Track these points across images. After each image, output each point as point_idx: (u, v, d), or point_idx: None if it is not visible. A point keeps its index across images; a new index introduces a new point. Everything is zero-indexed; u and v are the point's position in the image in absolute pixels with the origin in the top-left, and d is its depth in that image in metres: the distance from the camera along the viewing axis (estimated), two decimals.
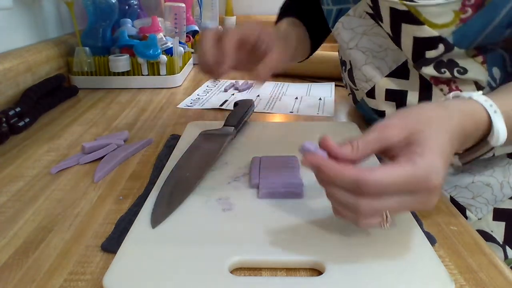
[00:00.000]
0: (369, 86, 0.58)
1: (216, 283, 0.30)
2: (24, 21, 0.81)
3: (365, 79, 0.58)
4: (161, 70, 0.89)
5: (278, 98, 0.81)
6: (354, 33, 0.56)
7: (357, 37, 0.56)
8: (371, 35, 0.55)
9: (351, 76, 0.61)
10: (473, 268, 0.34)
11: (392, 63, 0.54)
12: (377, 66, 0.56)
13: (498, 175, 0.54)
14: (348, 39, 0.57)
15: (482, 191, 0.55)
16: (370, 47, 0.55)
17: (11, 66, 0.70)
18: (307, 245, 0.34)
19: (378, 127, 0.33)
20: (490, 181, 0.54)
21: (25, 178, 0.49)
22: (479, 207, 0.55)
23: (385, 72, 0.55)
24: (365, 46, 0.56)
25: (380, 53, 0.55)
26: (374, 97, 0.58)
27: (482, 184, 0.55)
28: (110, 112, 0.73)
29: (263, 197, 0.41)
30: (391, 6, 0.47)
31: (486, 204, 0.55)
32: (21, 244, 0.37)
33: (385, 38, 0.53)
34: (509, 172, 0.54)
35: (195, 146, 0.52)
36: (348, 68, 0.62)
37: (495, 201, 0.55)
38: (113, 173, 0.50)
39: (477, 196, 0.55)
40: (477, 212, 0.55)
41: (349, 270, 0.31)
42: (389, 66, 0.55)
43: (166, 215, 0.38)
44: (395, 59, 0.54)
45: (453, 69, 0.48)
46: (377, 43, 0.54)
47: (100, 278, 0.32)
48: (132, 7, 1.02)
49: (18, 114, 0.63)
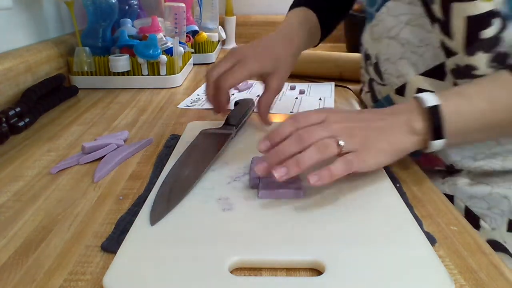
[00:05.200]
0: (400, 83, 0.55)
1: (216, 283, 0.30)
2: (24, 21, 0.81)
3: (397, 74, 0.55)
4: (161, 70, 0.89)
5: (278, 98, 0.81)
6: (397, 21, 0.54)
7: (400, 26, 0.53)
8: (415, 26, 0.52)
9: (377, 70, 0.59)
10: (473, 268, 0.34)
11: (430, 61, 0.52)
12: (413, 62, 0.53)
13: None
14: (390, 26, 0.55)
15: (498, 203, 0.53)
16: (410, 40, 0.53)
17: (11, 66, 0.70)
18: (307, 245, 0.34)
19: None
20: (507, 194, 0.53)
21: (25, 178, 0.49)
22: (493, 218, 0.54)
23: (421, 69, 0.53)
24: (406, 38, 0.53)
25: (419, 48, 0.52)
26: (403, 94, 0.55)
27: (500, 196, 0.53)
28: (110, 112, 0.73)
29: (263, 197, 0.41)
30: None
31: (502, 216, 0.53)
32: (21, 244, 0.37)
33: (428, 32, 0.51)
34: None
35: (195, 145, 0.52)
36: (375, 62, 0.59)
37: (510, 213, 0.53)
38: (113, 173, 0.50)
39: (493, 207, 0.54)
40: (492, 222, 0.54)
41: (349, 270, 0.31)
42: (426, 64, 0.52)
43: (165, 213, 0.38)
44: (434, 57, 0.51)
45: (504, 63, 0.46)
46: (418, 36, 0.52)
47: (100, 278, 0.32)
48: (132, 7, 1.02)
49: (18, 114, 0.63)
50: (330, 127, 0.40)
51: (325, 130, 0.40)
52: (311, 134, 0.39)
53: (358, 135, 0.40)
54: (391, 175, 0.47)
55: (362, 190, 0.43)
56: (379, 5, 0.56)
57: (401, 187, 0.46)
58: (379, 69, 0.58)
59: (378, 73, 0.59)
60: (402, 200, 0.41)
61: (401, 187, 0.46)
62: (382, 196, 0.42)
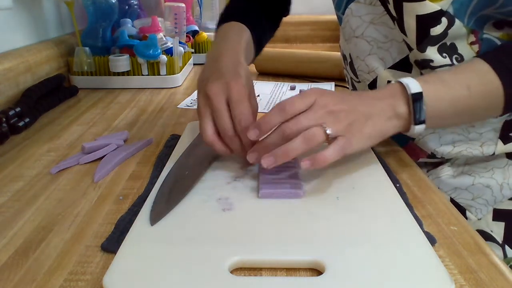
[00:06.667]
0: (371, 78, 0.58)
1: (216, 283, 0.30)
2: (24, 21, 0.81)
3: (368, 70, 0.58)
4: (161, 70, 0.89)
5: (278, 98, 0.81)
6: (361, 21, 0.56)
7: (364, 25, 0.56)
8: (378, 24, 0.55)
9: (352, 68, 0.61)
10: (473, 268, 0.34)
11: (397, 55, 0.54)
12: (381, 57, 0.56)
13: (497, 176, 0.54)
14: (355, 27, 0.57)
15: (482, 193, 0.55)
16: (375, 37, 0.55)
17: (11, 66, 0.70)
18: (307, 245, 0.34)
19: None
20: (490, 183, 0.55)
21: (25, 178, 0.49)
22: (479, 208, 0.56)
23: (388, 63, 0.55)
24: (371, 36, 0.56)
25: (385, 44, 0.55)
26: (375, 88, 0.58)
27: (482, 185, 0.55)
28: (110, 112, 0.73)
29: (263, 197, 0.41)
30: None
31: (486, 205, 0.55)
32: (21, 244, 0.37)
33: (391, 28, 0.53)
34: (508, 173, 0.54)
35: (195, 145, 0.52)
36: (349, 61, 0.62)
37: (494, 202, 0.55)
38: (113, 173, 0.50)
39: (477, 197, 0.55)
40: (477, 212, 0.56)
41: (349, 270, 0.31)
42: (393, 58, 0.55)
43: (165, 212, 0.38)
44: (399, 51, 0.54)
45: (452, 55, 0.49)
46: (383, 33, 0.54)
47: (100, 278, 0.32)
48: (132, 7, 1.02)
49: (18, 114, 0.63)
50: (317, 114, 0.41)
51: (311, 119, 0.40)
52: (298, 126, 0.40)
53: (344, 120, 0.41)
54: (391, 175, 0.47)
55: (362, 190, 0.43)
56: (343, 8, 0.59)
57: (401, 187, 0.46)
58: (353, 68, 0.61)
59: (353, 71, 0.62)
60: (402, 200, 0.41)
61: (401, 187, 0.46)
62: (382, 196, 0.42)
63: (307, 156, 0.40)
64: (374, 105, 0.43)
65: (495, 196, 0.55)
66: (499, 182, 0.54)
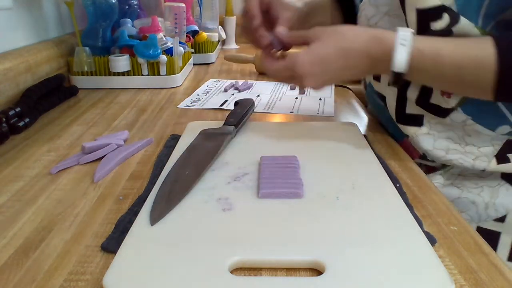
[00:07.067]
0: None
1: (216, 283, 0.30)
2: (24, 21, 0.81)
3: None
4: (161, 70, 0.89)
5: (278, 98, 0.81)
6: (377, 10, 0.56)
7: (379, 16, 0.56)
8: (393, 16, 0.54)
9: None
10: (473, 268, 0.34)
11: None
12: None
13: (485, 195, 0.54)
14: (371, 15, 0.57)
15: (467, 208, 0.55)
16: (388, 29, 0.54)
17: (11, 66, 0.70)
18: (307, 245, 0.34)
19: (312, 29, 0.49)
20: (475, 200, 0.54)
21: (25, 178, 0.49)
22: None
23: None
24: (384, 27, 0.55)
25: None
26: (379, 80, 0.58)
27: (468, 200, 0.54)
28: (110, 112, 0.73)
29: (263, 197, 0.41)
30: None
31: (470, 222, 0.55)
32: (21, 244, 0.37)
33: (405, 22, 0.52)
34: (497, 194, 0.54)
35: (195, 145, 0.52)
36: None
37: (479, 220, 0.55)
38: (113, 173, 0.50)
39: (461, 212, 0.55)
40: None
41: (349, 270, 0.31)
42: None
43: (165, 213, 0.38)
44: None
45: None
46: (396, 25, 0.53)
47: (100, 278, 0.32)
48: (132, 7, 1.02)
49: (18, 114, 0.63)
50: (300, 83, 0.49)
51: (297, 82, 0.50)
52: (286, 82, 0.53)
53: (322, 80, 0.48)
54: (391, 175, 0.47)
55: (362, 190, 0.43)
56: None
57: (401, 187, 0.46)
58: None
59: None
60: (402, 200, 0.41)
61: (401, 187, 0.46)
62: (382, 196, 0.42)
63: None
64: (353, 58, 0.47)
65: (479, 214, 0.54)
66: (485, 200, 0.54)
